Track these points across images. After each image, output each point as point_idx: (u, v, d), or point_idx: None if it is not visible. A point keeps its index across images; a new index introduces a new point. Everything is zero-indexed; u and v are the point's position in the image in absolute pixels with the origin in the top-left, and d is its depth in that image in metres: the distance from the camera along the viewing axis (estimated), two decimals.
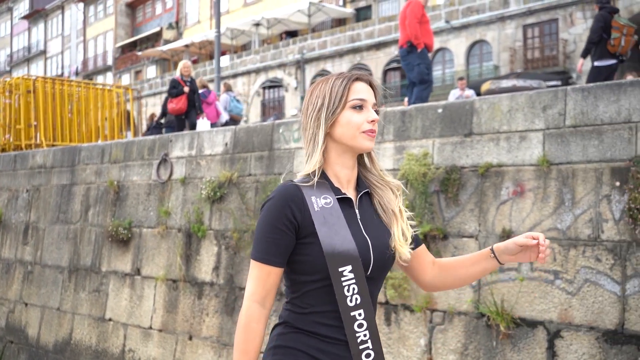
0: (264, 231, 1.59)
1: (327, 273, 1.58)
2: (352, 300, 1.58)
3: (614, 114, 4.38)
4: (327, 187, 1.64)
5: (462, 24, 21.84)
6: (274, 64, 27.36)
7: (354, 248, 1.59)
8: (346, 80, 1.66)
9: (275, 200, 1.59)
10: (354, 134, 1.64)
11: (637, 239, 4.17)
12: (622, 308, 4.16)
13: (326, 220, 1.59)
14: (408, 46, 7.30)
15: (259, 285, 1.60)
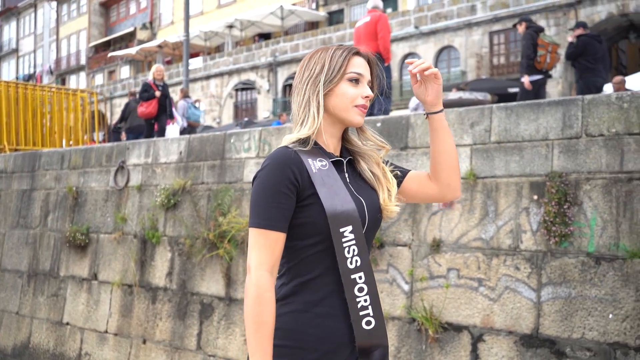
0: (266, 196, 1.54)
1: (326, 235, 1.56)
2: (352, 262, 1.56)
3: (534, 131, 4.68)
4: (320, 151, 1.64)
5: (431, 29, 22.22)
6: (247, 66, 27.49)
7: (354, 208, 1.59)
8: (347, 52, 1.67)
9: (275, 164, 1.55)
10: (347, 107, 1.64)
11: (551, 249, 4.47)
12: (538, 314, 4.46)
13: (325, 182, 1.58)
14: (377, 58, 7.54)
15: (268, 253, 1.53)
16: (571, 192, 4.42)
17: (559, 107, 4.60)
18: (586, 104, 4.48)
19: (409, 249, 5.17)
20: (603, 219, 4.30)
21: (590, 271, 4.30)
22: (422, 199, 1.89)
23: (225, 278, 6.29)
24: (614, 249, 4.23)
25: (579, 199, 4.41)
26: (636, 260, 4.13)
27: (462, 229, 4.92)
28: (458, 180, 1.81)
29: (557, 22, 19.53)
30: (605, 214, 4.29)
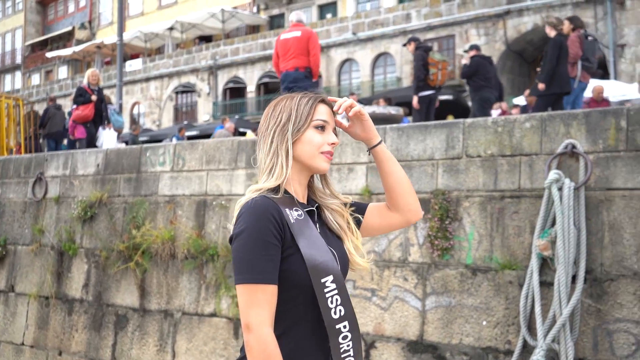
0: (257, 249, 1.49)
1: (307, 286, 1.53)
2: (336, 312, 1.54)
3: (421, 151, 5.03)
4: (293, 200, 1.62)
5: (368, 36, 22.70)
6: (187, 69, 27.37)
7: (332, 258, 1.57)
8: (312, 100, 1.67)
9: (259, 215, 1.51)
10: (314, 154, 1.64)
11: (435, 262, 4.82)
12: (422, 321, 4.80)
13: (303, 232, 1.56)
14: (307, 72, 7.73)
15: (267, 308, 1.48)
16: (452, 208, 4.79)
17: (443, 129, 4.96)
18: (467, 127, 4.86)
19: None
20: (479, 233, 4.67)
21: (467, 282, 4.67)
22: (387, 230, 1.88)
23: (139, 290, 6.41)
24: (488, 261, 4.61)
25: (459, 215, 4.77)
26: (506, 272, 4.52)
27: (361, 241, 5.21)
28: (417, 201, 1.84)
29: (487, 32, 20.30)
30: (481, 229, 4.67)
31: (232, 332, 5.74)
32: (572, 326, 4.17)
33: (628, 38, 17.88)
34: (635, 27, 17.74)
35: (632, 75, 17.69)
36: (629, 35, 17.86)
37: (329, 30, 23.64)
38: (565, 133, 4.43)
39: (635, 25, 17.73)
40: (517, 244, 4.52)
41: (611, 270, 4.15)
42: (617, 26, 18.04)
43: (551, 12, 18.97)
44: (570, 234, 4.15)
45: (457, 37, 20.93)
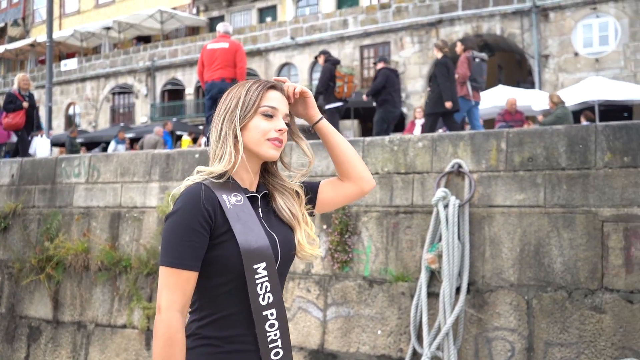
0: (179, 234, 1.51)
1: (239, 272, 1.54)
2: (264, 299, 1.55)
3: (325, 167, 5.24)
4: (235, 186, 1.63)
5: (306, 41, 22.91)
6: (124, 70, 26.90)
7: (268, 245, 1.58)
8: (261, 86, 1.67)
9: (189, 201, 1.53)
10: (260, 141, 1.63)
11: (335, 274, 5.05)
12: (323, 331, 5.02)
13: (239, 217, 1.56)
14: (233, 83, 7.83)
15: (179, 292, 1.51)
16: (352, 223, 5.03)
17: None
18: (366, 145, 5.10)
19: None
20: (376, 247, 4.93)
21: (365, 293, 4.91)
22: (343, 201, 1.90)
23: (53, 301, 6.40)
24: (383, 273, 4.87)
25: (359, 229, 5.01)
26: (400, 283, 4.78)
27: None
28: (367, 170, 1.87)
29: (421, 40, 20.84)
30: (378, 242, 4.92)
31: (143, 343, 5.81)
32: (455, 335, 4.47)
33: (552, 49, 18.72)
34: (559, 38, 18.58)
35: (555, 84, 18.54)
36: (552, 46, 18.70)
37: (268, 34, 23.74)
38: (453, 153, 4.73)
39: (559, 36, 18.58)
40: (409, 257, 4.79)
41: (491, 282, 4.47)
42: (542, 37, 18.86)
43: (480, 22, 19.68)
44: (454, 248, 4.45)
45: (392, 44, 21.41)
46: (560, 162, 4.36)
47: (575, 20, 18.36)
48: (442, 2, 20.34)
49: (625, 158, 4.16)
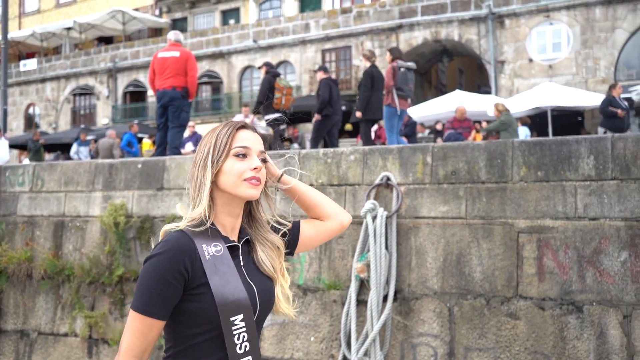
0: (151, 282, 1.51)
1: (216, 324, 1.54)
2: (241, 348, 1.56)
3: None
4: (216, 234, 1.62)
5: (269, 44, 23.02)
6: (85, 71, 26.62)
7: (246, 297, 1.58)
8: (231, 128, 1.67)
9: (168, 252, 1.52)
10: (236, 182, 1.62)
11: None
12: (260, 338, 5.16)
13: (217, 269, 1.56)
14: (184, 92, 7.87)
15: (140, 338, 1.52)
16: None
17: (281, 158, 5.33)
18: (302, 157, 5.27)
19: None
20: (310, 256, 5.09)
21: (299, 301, 5.07)
22: (325, 238, 1.92)
23: None
24: (317, 282, 5.04)
25: None
26: (332, 292, 4.96)
27: None
28: (338, 205, 1.94)
29: (381, 44, 21.12)
30: (312, 252, 5.09)
31: (85, 351, 5.88)
32: (383, 341, 4.66)
33: (507, 55, 19.19)
34: (514, 44, 19.06)
35: (511, 89, 19.01)
36: (508, 52, 19.18)
37: (231, 36, 23.77)
38: (383, 166, 4.92)
39: (514, 42, 19.06)
40: (341, 267, 4.97)
41: (417, 290, 4.68)
42: (498, 43, 19.32)
43: (439, 28, 20.06)
44: (381, 258, 4.64)
45: (353, 48, 21.66)
46: (481, 175, 4.59)
47: (530, 27, 18.86)
48: (402, 8, 20.67)
49: (538, 172, 4.41)
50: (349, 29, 21.57)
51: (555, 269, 4.26)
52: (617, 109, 9.49)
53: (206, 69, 24.15)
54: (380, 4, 21.26)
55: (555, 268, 4.26)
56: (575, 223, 4.25)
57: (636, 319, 4.01)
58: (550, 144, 4.40)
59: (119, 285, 5.77)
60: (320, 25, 22.20)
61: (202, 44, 24.20)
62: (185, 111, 7.99)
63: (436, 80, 25.31)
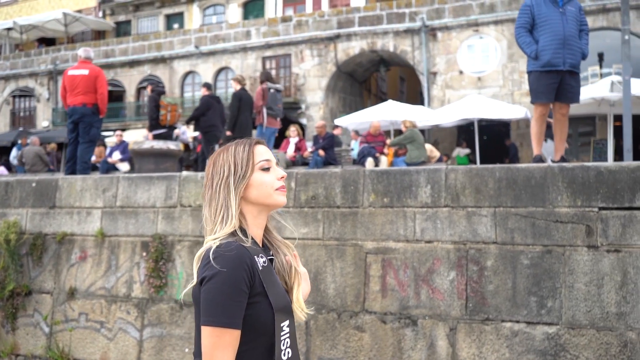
0: (229, 295, 1.53)
1: (266, 330, 1.60)
2: (285, 354, 1.62)
3: (146, 199, 5.73)
4: (257, 247, 1.69)
5: (210, 50, 23.22)
6: (25, 73, 26.28)
7: (290, 303, 1.68)
8: (248, 145, 1.73)
9: (236, 262, 1.56)
10: (269, 193, 1.70)
11: (152, 297, 5.55)
12: (140, 349, 5.51)
13: (270, 279, 1.63)
14: (94, 108, 8.11)
15: (232, 351, 1.55)
16: (167, 251, 5.54)
17: (164, 181, 5.70)
18: (182, 180, 5.63)
19: (51, 296, 5.96)
20: (187, 272, 5.46)
21: (176, 314, 5.44)
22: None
23: None
24: None
25: (173, 257, 5.54)
26: None
27: (92, 279, 5.83)
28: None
29: (320, 53, 21.60)
30: (189, 269, 5.46)
31: None
32: None
33: (439, 66, 19.90)
34: (445, 56, 19.78)
35: (442, 100, 19.73)
36: (440, 64, 19.89)
37: (173, 42, 23.87)
38: None
39: (445, 55, 19.77)
40: None
41: None
42: (431, 55, 20.02)
43: (375, 39, 20.65)
44: None
45: (293, 57, 22.07)
46: (336, 200, 5.04)
47: (460, 40, 19.61)
48: (340, 18, 21.18)
49: (385, 199, 4.88)
50: (288, 37, 21.96)
51: (395, 286, 4.74)
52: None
53: (148, 73, 24.21)
54: (320, 13, 21.75)
55: (396, 286, 4.74)
56: (413, 245, 4.73)
57: (460, 332, 4.52)
58: (395, 174, 4.89)
59: (10, 300, 6.01)
60: (261, 33, 22.53)
61: (144, 48, 24.24)
62: (96, 127, 8.24)
63: (376, 88, 25.95)
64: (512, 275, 4.44)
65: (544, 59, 5.76)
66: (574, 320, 4.23)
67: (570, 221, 4.33)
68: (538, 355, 4.27)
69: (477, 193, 4.61)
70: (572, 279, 4.28)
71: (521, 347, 4.33)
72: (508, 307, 4.41)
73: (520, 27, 5.94)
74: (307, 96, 21.88)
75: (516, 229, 4.47)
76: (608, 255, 4.21)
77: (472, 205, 4.62)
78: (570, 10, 5.86)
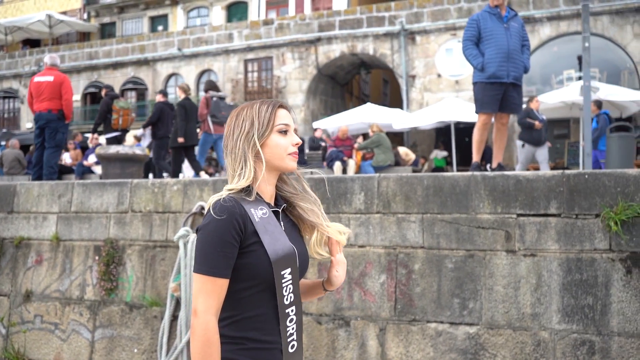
0: (214, 245, 1.63)
1: (264, 277, 1.69)
2: (287, 299, 1.73)
3: (99, 205, 5.93)
4: (260, 200, 1.77)
5: (193, 52, 23.40)
6: (9, 74, 26.39)
7: (294, 252, 1.74)
8: (271, 106, 1.80)
9: (223, 215, 1.64)
10: (282, 156, 1.77)
11: (103, 299, 5.75)
12: (91, 350, 5.71)
13: (267, 229, 1.71)
14: (59, 114, 8.31)
15: (214, 298, 1.64)
16: (118, 255, 5.74)
17: (116, 187, 5.91)
18: (133, 186, 5.83)
19: (8, 298, 6.15)
20: (137, 276, 5.67)
21: (126, 316, 5.64)
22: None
23: None
24: (142, 299, 5.61)
25: (124, 260, 5.74)
26: (154, 308, 5.54)
27: (47, 282, 6.02)
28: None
29: (301, 56, 21.82)
30: (139, 272, 5.67)
31: None
32: None
33: (418, 70, 20.15)
34: (424, 60, 20.03)
35: (421, 103, 19.98)
36: (418, 67, 20.14)
37: (156, 44, 24.03)
38: (200, 196, 5.54)
39: (424, 58, 20.03)
40: (162, 286, 5.57)
41: None
42: (409, 58, 20.27)
43: (355, 42, 20.88)
44: (191, 279, 5.25)
45: (274, 59, 22.27)
46: None
47: (439, 44, 19.86)
48: (321, 22, 21.39)
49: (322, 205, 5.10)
50: (270, 40, 22.16)
51: None
52: (535, 121, 9.79)
53: (131, 75, 24.37)
54: (301, 17, 21.96)
55: None
56: (347, 249, 4.95)
57: (389, 332, 4.74)
58: (332, 181, 5.11)
59: None
60: (243, 36, 22.72)
61: (127, 50, 24.38)
62: (62, 132, 8.44)
63: (358, 90, 26.18)
64: (437, 278, 4.67)
65: (490, 71, 6.01)
66: (493, 320, 4.47)
67: (491, 227, 4.56)
68: (460, 354, 4.51)
69: (406, 200, 4.84)
70: (491, 281, 4.52)
71: (444, 346, 4.57)
72: (433, 308, 4.64)
73: (467, 40, 6.18)
74: (289, 98, 22.07)
75: (442, 234, 4.70)
76: (525, 260, 4.45)
77: (402, 211, 4.84)
78: (514, 26, 6.11)
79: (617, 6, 17.35)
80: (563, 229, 4.36)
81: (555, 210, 4.40)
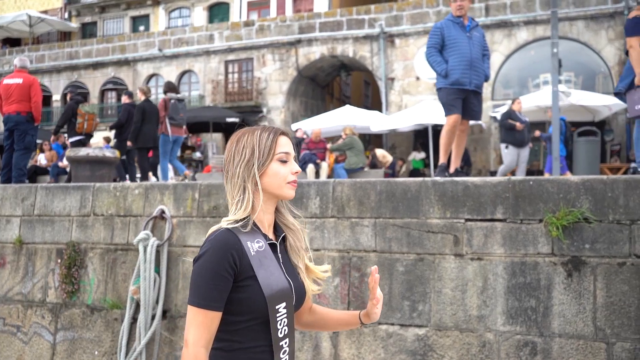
0: (207, 278, 1.64)
1: (261, 312, 1.70)
2: (281, 332, 1.75)
3: (62, 208, 5.98)
4: (257, 231, 1.77)
5: (174, 53, 23.39)
6: None
7: (288, 287, 1.76)
8: (272, 134, 1.80)
9: (217, 248, 1.66)
10: (281, 184, 1.77)
11: (65, 302, 5.80)
12: (53, 352, 5.76)
13: (262, 263, 1.71)
14: (28, 116, 8.34)
15: (204, 330, 1.66)
16: (80, 258, 5.80)
17: (79, 191, 5.96)
18: (95, 190, 5.89)
19: None
20: (98, 279, 5.73)
21: (87, 319, 5.70)
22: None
23: None
24: (103, 302, 5.67)
25: (85, 263, 5.80)
26: (114, 311, 5.61)
27: (9, 285, 6.07)
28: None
29: (281, 58, 21.90)
30: (100, 275, 5.73)
31: None
32: (151, 354, 5.35)
33: (397, 72, 20.31)
34: (403, 62, 20.19)
35: (400, 105, 20.14)
36: (397, 69, 20.29)
37: (137, 44, 23.99)
38: (160, 200, 5.61)
39: (403, 61, 20.19)
40: (123, 288, 5.63)
41: (182, 309, 5.39)
42: (389, 61, 20.43)
43: (335, 44, 20.99)
44: (150, 281, 5.33)
45: (255, 61, 22.33)
46: None
47: (417, 47, 20.01)
48: (302, 24, 21.49)
49: None
50: (251, 41, 22.22)
51: None
52: (516, 122, 9.85)
53: (112, 75, 24.32)
54: (282, 18, 22.04)
55: None
56: None
57: (342, 334, 4.85)
58: None
59: None
60: (224, 37, 22.76)
61: (108, 51, 24.32)
62: (31, 134, 8.46)
63: (339, 92, 26.30)
64: (389, 281, 4.78)
65: (453, 77, 6.14)
66: (441, 322, 4.59)
67: (440, 231, 4.69)
68: (409, 355, 4.63)
69: (360, 205, 4.95)
70: (440, 284, 4.64)
71: (395, 347, 4.68)
72: (384, 310, 4.75)
73: (431, 47, 6.31)
74: (269, 100, 22.16)
75: (393, 238, 4.81)
76: (472, 263, 4.58)
77: (355, 216, 4.95)
78: (476, 35, 6.26)
79: (591, 12, 17.62)
80: (508, 234, 4.50)
81: (501, 215, 4.53)
